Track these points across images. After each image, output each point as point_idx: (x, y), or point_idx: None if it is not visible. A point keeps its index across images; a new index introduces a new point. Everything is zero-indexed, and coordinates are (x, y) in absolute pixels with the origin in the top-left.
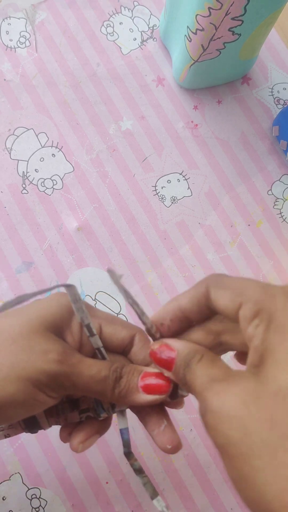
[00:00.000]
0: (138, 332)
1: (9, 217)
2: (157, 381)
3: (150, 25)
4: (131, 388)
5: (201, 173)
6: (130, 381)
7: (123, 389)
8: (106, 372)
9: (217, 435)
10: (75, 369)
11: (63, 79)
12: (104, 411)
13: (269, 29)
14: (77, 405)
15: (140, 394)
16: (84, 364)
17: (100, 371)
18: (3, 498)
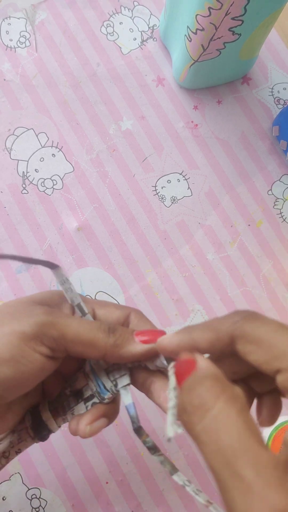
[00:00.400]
0: (132, 311)
1: (9, 217)
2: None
3: (150, 25)
4: (126, 338)
5: (201, 173)
6: (124, 333)
7: (118, 339)
8: (99, 324)
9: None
10: (63, 320)
11: (63, 79)
12: (107, 392)
13: (269, 29)
14: (81, 395)
15: (135, 343)
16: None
17: (91, 322)
18: (3, 498)
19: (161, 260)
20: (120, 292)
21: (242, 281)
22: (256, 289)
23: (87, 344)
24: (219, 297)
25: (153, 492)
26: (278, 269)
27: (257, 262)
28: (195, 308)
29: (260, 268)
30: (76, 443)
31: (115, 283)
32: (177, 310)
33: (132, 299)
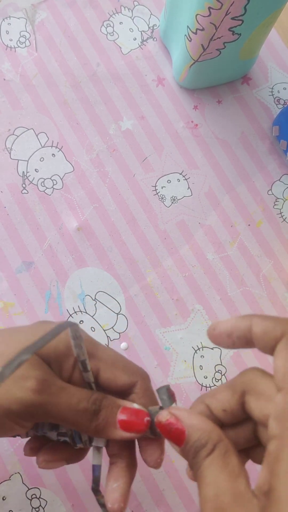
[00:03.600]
0: (140, 379)
1: (9, 217)
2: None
3: (150, 25)
4: (108, 423)
5: (201, 173)
6: (108, 416)
7: (100, 423)
8: (85, 404)
9: None
10: (53, 399)
11: (63, 79)
12: (81, 442)
13: (269, 29)
14: (58, 426)
15: (117, 430)
16: (64, 392)
17: (80, 401)
18: (3, 498)
19: (161, 260)
20: (120, 292)
21: (242, 281)
22: (256, 289)
23: (70, 425)
24: (219, 297)
25: (153, 492)
26: (278, 269)
27: (257, 262)
28: (195, 308)
29: (260, 268)
30: None
31: (115, 283)
32: (177, 310)
33: (132, 299)
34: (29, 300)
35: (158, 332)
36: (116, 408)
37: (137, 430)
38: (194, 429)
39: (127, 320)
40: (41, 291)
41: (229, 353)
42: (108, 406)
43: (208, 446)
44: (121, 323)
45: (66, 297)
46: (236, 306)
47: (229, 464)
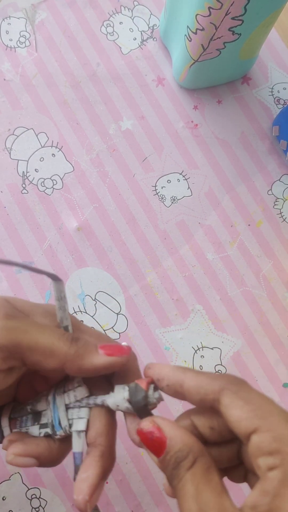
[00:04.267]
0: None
1: (9, 217)
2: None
3: (150, 25)
4: (89, 348)
5: (201, 173)
6: (88, 342)
7: (80, 348)
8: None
9: None
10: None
11: (63, 79)
12: (60, 428)
13: (269, 29)
14: (39, 418)
15: (98, 354)
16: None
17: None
18: (3, 498)
19: (161, 260)
20: (120, 292)
21: (242, 281)
22: (256, 289)
23: (45, 352)
24: (219, 297)
25: (153, 492)
26: (278, 269)
27: (257, 262)
28: (195, 308)
29: (260, 268)
30: None
31: (115, 283)
32: (177, 310)
33: (132, 299)
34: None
35: (158, 332)
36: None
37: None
38: (175, 441)
39: (127, 320)
40: (41, 291)
41: (229, 353)
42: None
43: (189, 458)
44: (121, 323)
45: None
46: (236, 306)
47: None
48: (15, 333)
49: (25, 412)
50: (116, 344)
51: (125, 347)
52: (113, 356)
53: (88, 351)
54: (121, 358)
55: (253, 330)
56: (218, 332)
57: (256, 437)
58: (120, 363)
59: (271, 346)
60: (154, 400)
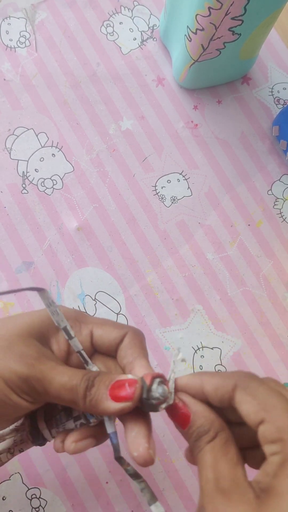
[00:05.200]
0: (129, 330)
1: (9, 217)
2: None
3: (150, 25)
4: (100, 397)
5: (201, 173)
6: (100, 389)
7: (93, 398)
8: (77, 380)
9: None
10: (46, 375)
11: (63, 79)
12: (93, 416)
13: (269, 29)
14: (71, 412)
15: (109, 402)
16: (55, 371)
17: (71, 379)
18: (3, 498)
19: (161, 260)
20: (120, 292)
21: (242, 281)
22: (256, 289)
23: (67, 402)
24: (219, 297)
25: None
26: (278, 269)
27: (257, 262)
28: (195, 308)
29: (260, 268)
30: None
31: (115, 283)
32: (177, 310)
33: (132, 299)
34: (29, 300)
35: (158, 332)
36: (108, 381)
37: (125, 398)
38: (198, 416)
39: (127, 320)
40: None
41: (229, 353)
42: (101, 381)
43: (210, 433)
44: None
45: (66, 297)
46: (236, 306)
47: (229, 452)
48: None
49: (56, 411)
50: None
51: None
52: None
53: (100, 400)
54: (127, 405)
55: (253, 330)
56: (218, 332)
57: (262, 428)
58: (129, 408)
59: (271, 346)
60: (157, 394)
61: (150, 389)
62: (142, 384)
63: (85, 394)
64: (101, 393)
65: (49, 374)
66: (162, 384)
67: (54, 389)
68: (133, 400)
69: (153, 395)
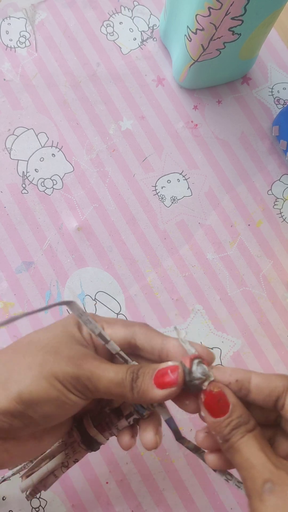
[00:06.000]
0: (136, 326)
1: (9, 217)
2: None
3: (150, 25)
4: (147, 386)
5: (201, 173)
6: (145, 379)
7: (140, 389)
8: (123, 374)
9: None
10: (94, 373)
11: (63, 79)
12: (145, 409)
13: (269, 29)
14: (121, 412)
15: (155, 390)
16: (101, 368)
17: (117, 373)
18: (3, 498)
19: (161, 260)
20: (120, 292)
21: (242, 281)
22: (256, 289)
23: (115, 396)
24: (219, 297)
25: (153, 492)
26: (278, 269)
27: (257, 262)
28: (195, 308)
29: (260, 268)
30: None
31: (115, 283)
32: (177, 310)
33: (132, 299)
34: (29, 300)
35: None
36: (152, 371)
37: (171, 384)
38: (237, 407)
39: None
40: (41, 291)
41: (229, 353)
42: (145, 372)
43: (251, 423)
44: None
45: (66, 297)
46: (236, 306)
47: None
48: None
49: (104, 415)
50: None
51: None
52: (166, 388)
53: (146, 390)
54: (174, 390)
55: (253, 330)
56: (218, 332)
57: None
58: (174, 393)
59: (271, 346)
60: (199, 375)
61: (191, 371)
62: (183, 367)
63: (131, 386)
64: (146, 383)
65: (97, 371)
66: (201, 364)
67: (103, 385)
68: (177, 385)
69: (195, 376)
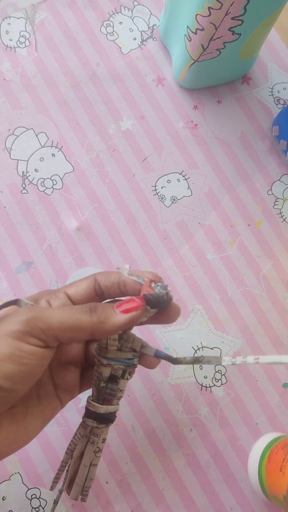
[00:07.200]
0: (96, 274)
1: (9, 217)
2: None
3: (150, 25)
4: (108, 313)
5: (201, 173)
6: (105, 307)
7: (100, 315)
8: (79, 307)
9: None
10: (46, 312)
11: (63, 79)
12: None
13: (269, 29)
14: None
15: (118, 315)
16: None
17: (72, 307)
18: (3, 498)
19: (161, 260)
20: None
21: (242, 281)
22: (256, 289)
23: (73, 329)
24: (219, 297)
25: (153, 492)
26: (278, 269)
27: (257, 262)
28: (195, 308)
29: (260, 268)
30: None
31: None
32: None
33: None
34: None
35: (158, 332)
36: (110, 305)
37: (136, 307)
38: None
39: None
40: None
41: (229, 353)
42: (106, 304)
43: None
44: None
45: None
46: (236, 306)
47: None
48: (44, 319)
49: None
50: (129, 299)
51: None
52: (130, 312)
53: (108, 315)
54: (137, 312)
55: (253, 330)
56: (218, 332)
57: None
58: (138, 316)
59: (271, 346)
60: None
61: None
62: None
63: (91, 314)
64: (108, 311)
65: (48, 310)
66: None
67: (56, 320)
68: (142, 307)
69: (161, 291)
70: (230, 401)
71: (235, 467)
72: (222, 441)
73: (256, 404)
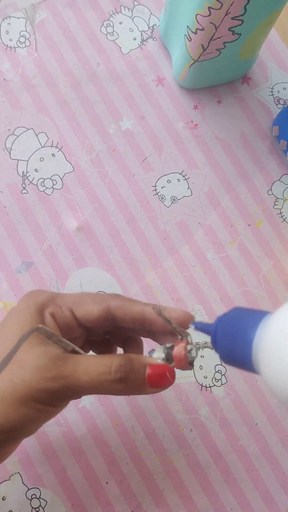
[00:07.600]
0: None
1: (9, 217)
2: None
3: (150, 25)
4: (138, 385)
5: (201, 173)
6: (137, 379)
7: (132, 387)
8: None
9: None
10: (72, 380)
11: (63, 79)
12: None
13: (269, 29)
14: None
15: (147, 388)
16: (79, 370)
17: (99, 375)
18: (3, 498)
19: (161, 260)
20: (120, 292)
21: (242, 281)
22: (256, 289)
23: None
24: (219, 297)
25: (153, 492)
26: (278, 269)
27: (257, 262)
28: (195, 308)
29: (260, 268)
30: (76, 443)
31: (115, 283)
32: None
33: None
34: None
35: None
36: (143, 369)
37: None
38: None
39: None
40: None
41: None
42: (135, 369)
43: None
44: None
45: None
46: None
47: None
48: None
49: None
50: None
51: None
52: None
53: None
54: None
55: None
56: None
57: None
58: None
59: None
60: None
61: None
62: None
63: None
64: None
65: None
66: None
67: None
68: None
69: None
70: (230, 401)
71: (235, 467)
72: (222, 441)
73: (256, 404)
